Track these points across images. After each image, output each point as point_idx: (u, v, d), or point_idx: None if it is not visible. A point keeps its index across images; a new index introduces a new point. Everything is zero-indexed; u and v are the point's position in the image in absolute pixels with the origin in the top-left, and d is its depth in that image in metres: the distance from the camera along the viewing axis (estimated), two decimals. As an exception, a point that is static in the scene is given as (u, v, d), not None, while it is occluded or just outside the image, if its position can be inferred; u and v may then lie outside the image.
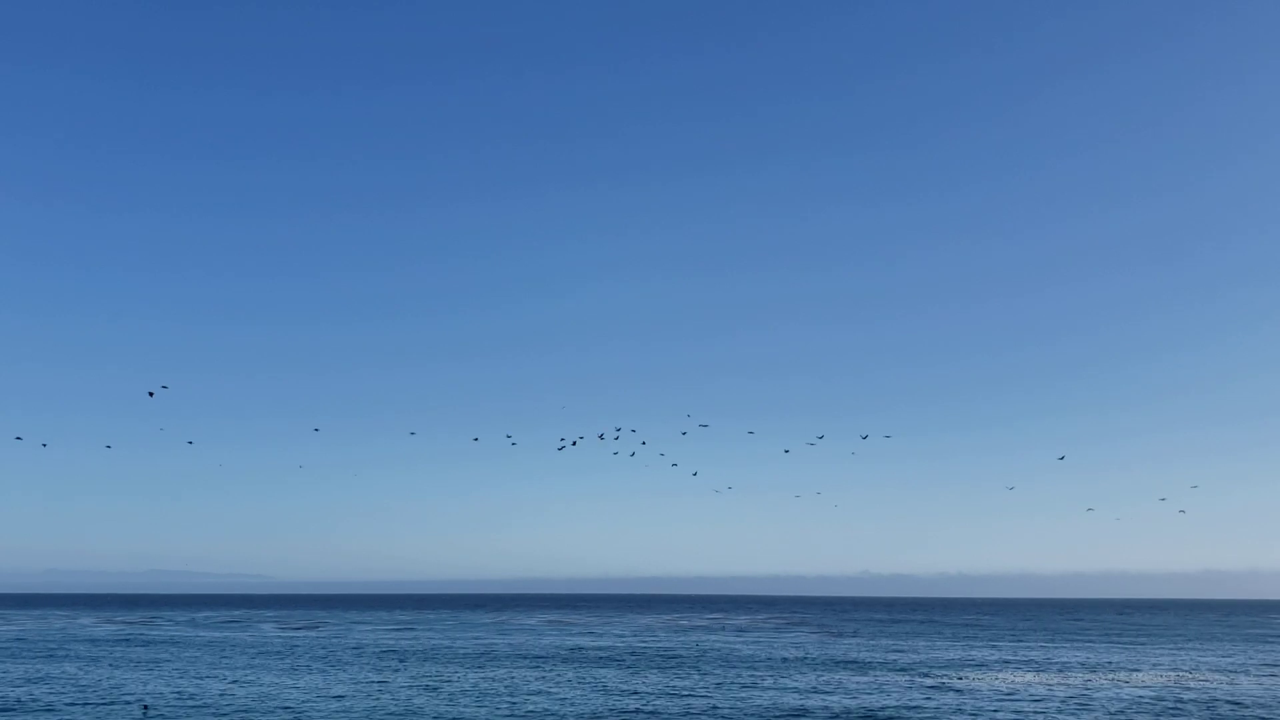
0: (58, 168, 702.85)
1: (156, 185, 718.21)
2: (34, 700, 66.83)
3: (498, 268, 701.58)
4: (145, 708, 61.43)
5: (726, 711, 62.08)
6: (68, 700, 66.93)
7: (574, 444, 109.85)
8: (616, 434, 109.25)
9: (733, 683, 78.30)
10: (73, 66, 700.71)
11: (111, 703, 65.64)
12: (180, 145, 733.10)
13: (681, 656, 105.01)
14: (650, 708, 63.49)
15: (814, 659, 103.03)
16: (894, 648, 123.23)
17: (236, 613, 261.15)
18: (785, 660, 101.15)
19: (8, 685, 75.81)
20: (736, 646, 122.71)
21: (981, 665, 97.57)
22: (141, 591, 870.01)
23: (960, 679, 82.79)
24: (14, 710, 62.15)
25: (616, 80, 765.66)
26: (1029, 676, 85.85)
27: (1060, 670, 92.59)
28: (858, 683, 79.16)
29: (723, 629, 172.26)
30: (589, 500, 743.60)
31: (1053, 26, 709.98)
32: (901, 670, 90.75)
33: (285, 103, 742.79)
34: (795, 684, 77.61)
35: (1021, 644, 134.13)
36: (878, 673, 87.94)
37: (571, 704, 65.02)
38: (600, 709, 62.87)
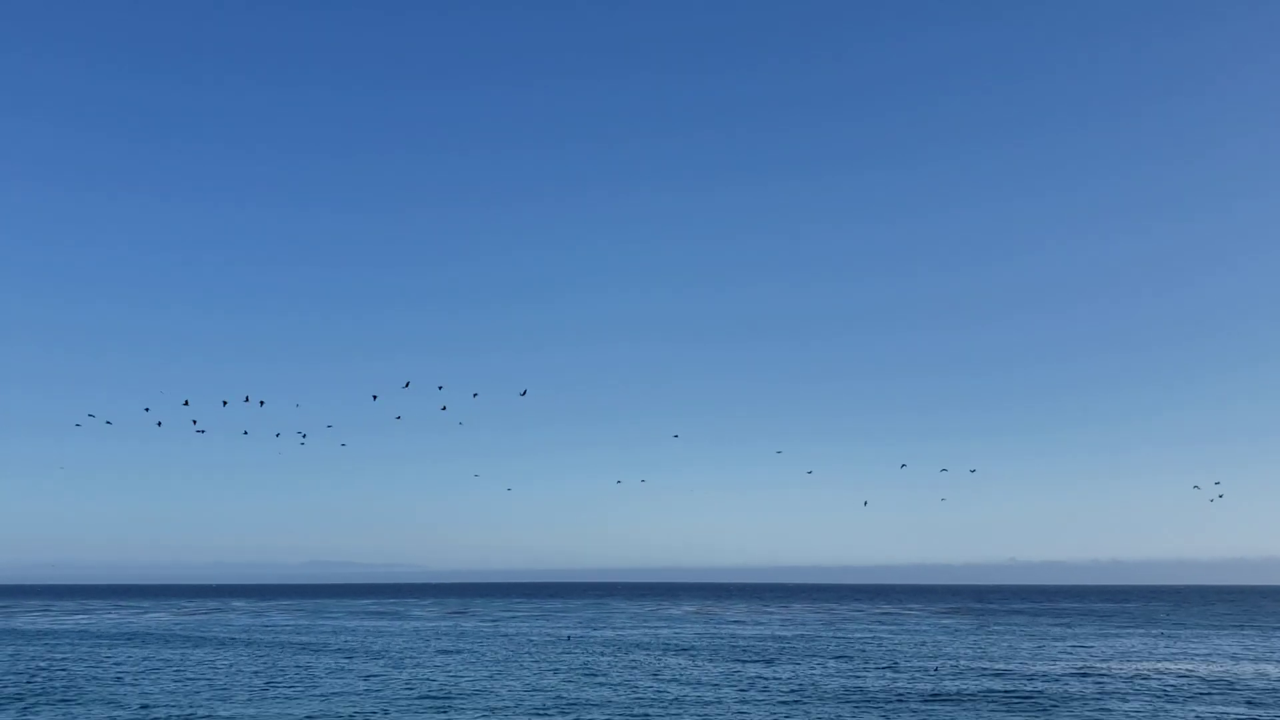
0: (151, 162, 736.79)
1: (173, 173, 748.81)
2: (216, 682, 71.94)
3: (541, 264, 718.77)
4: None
5: (881, 696, 63.12)
6: (241, 685, 71.81)
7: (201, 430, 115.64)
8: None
9: (881, 668, 79.11)
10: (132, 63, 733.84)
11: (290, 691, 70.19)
12: (182, 136, 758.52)
13: (833, 644, 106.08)
14: (806, 694, 65.01)
15: (963, 646, 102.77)
16: (1048, 635, 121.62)
17: (397, 601, 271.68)
18: (933, 647, 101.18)
19: (200, 672, 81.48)
20: (884, 635, 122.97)
21: (1136, 654, 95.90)
22: (303, 582, 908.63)
23: (1111, 667, 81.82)
24: (205, 695, 67.12)
25: (625, 92, 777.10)
26: (1187, 666, 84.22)
27: (1224, 660, 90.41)
28: (1008, 670, 79.03)
29: (870, 617, 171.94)
30: (736, 490, 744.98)
31: (1068, 56, 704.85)
32: (1054, 658, 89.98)
33: (298, 101, 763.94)
34: (942, 670, 77.98)
35: (1180, 632, 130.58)
36: (1030, 660, 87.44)
37: (735, 695, 66.90)
38: (767, 698, 64.62)
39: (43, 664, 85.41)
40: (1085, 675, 76.40)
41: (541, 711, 57.55)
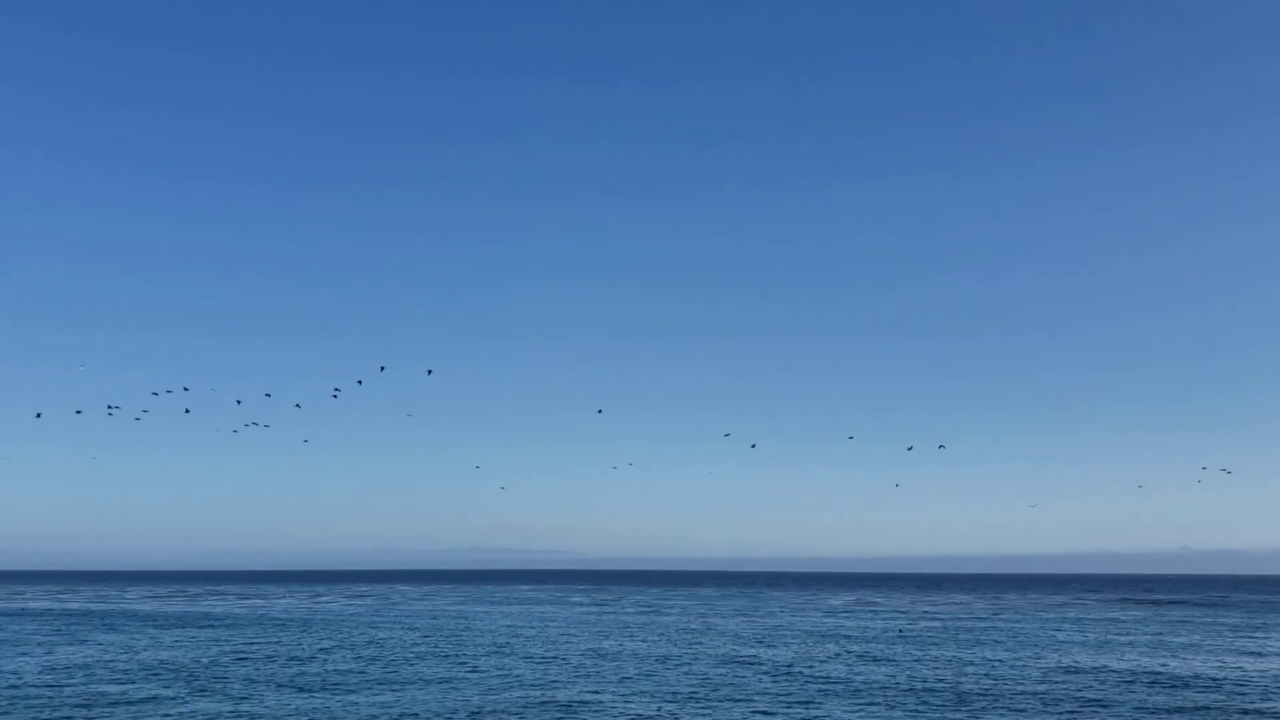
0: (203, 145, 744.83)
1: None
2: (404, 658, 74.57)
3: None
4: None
5: (1044, 694, 61.34)
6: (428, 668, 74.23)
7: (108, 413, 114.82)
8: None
9: (1046, 664, 76.85)
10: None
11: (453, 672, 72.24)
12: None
13: (998, 636, 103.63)
14: (964, 687, 63.65)
15: (1139, 643, 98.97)
16: (1223, 629, 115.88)
17: (555, 587, 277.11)
18: (1110, 643, 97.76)
19: (372, 650, 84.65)
20: (1055, 627, 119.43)
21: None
22: (464, 568, 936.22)
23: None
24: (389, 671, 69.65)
25: (611, 97, 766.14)
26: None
27: None
28: (1186, 668, 75.69)
29: (1039, 608, 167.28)
30: (889, 483, 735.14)
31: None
32: (1229, 654, 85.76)
33: (254, 78, 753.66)
34: (1119, 669, 75.27)
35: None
36: (1206, 656, 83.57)
37: (900, 684, 66.09)
38: (933, 690, 63.67)
39: (226, 648, 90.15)
40: (1253, 673, 72.59)
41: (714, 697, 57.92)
